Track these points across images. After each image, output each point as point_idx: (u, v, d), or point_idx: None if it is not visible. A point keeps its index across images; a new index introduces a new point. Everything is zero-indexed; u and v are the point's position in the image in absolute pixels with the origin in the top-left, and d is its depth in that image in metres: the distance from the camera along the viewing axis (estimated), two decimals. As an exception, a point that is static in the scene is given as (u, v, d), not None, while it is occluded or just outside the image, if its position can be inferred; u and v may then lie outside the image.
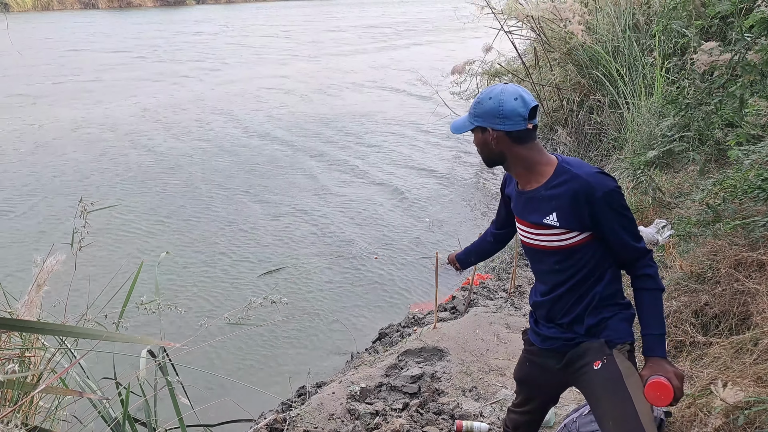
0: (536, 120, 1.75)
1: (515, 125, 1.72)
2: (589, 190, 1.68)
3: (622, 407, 1.71)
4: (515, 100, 1.71)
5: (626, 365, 1.77)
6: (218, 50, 19.11)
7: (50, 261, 1.91)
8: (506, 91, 1.73)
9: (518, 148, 1.76)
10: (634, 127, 5.67)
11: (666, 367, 1.68)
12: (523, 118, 1.71)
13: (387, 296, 5.18)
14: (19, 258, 5.72)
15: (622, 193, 1.72)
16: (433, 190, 7.50)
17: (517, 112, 1.70)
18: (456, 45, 18.28)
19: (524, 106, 1.71)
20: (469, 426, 2.92)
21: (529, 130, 1.73)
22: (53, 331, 1.74)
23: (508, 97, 1.72)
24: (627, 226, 1.73)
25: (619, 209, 1.70)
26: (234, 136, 9.92)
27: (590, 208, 1.69)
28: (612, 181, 1.71)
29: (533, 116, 1.73)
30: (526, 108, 1.71)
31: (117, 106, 11.96)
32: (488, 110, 1.74)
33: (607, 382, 1.76)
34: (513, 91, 1.72)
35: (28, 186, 7.68)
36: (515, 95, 1.71)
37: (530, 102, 1.72)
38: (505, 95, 1.72)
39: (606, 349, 1.79)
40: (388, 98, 12.51)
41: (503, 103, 1.71)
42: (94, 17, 29.49)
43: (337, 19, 28.20)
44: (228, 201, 7.17)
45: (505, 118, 1.72)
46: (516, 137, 1.74)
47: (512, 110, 1.71)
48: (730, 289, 2.94)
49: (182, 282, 5.34)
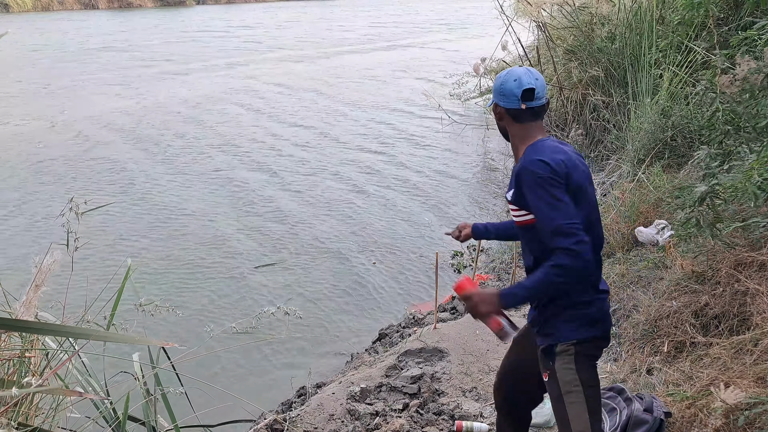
0: (534, 102, 1.85)
1: (511, 104, 1.87)
2: (519, 169, 1.82)
3: (561, 427, 1.83)
4: (514, 81, 1.86)
5: (567, 380, 1.80)
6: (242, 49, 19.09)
7: (48, 261, 1.91)
8: (511, 72, 1.89)
9: (515, 126, 1.90)
10: (636, 125, 5.66)
11: (477, 288, 1.83)
12: (517, 97, 1.85)
13: (387, 296, 5.18)
14: (6, 257, 5.75)
15: (532, 170, 1.75)
16: (432, 189, 7.50)
17: (512, 92, 1.85)
18: (460, 45, 18.28)
19: (519, 87, 1.84)
20: (469, 426, 2.92)
21: (523, 110, 1.86)
22: (53, 331, 1.75)
23: (510, 77, 1.87)
24: (537, 205, 1.74)
25: (531, 185, 1.75)
26: (244, 134, 9.93)
27: (519, 187, 1.81)
28: (533, 162, 1.76)
29: (528, 98, 1.84)
30: (520, 89, 1.84)
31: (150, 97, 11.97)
32: (496, 88, 1.92)
33: (552, 399, 1.84)
34: (516, 73, 1.87)
35: (20, 185, 7.68)
36: (516, 77, 1.86)
37: (525, 84, 1.84)
38: (509, 75, 1.88)
39: (548, 361, 1.83)
40: (387, 96, 12.51)
41: (504, 82, 1.88)
42: (100, 17, 29.48)
43: (341, 20, 28.19)
44: (229, 200, 7.17)
45: (504, 96, 1.88)
46: (514, 115, 1.89)
47: (509, 90, 1.86)
48: (731, 290, 2.94)
49: (183, 281, 5.34)
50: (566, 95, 7.49)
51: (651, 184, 4.70)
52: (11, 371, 1.98)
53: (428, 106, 11.03)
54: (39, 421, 2.00)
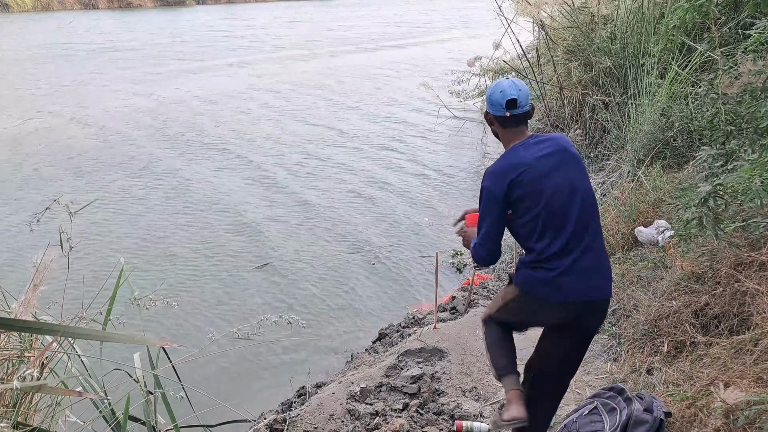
0: (517, 110, 2.15)
1: (497, 111, 2.19)
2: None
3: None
4: (500, 92, 2.16)
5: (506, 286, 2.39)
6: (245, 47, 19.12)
7: (45, 260, 1.91)
8: (498, 84, 2.20)
9: (503, 131, 2.24)
10: (636, 125, 5.65)
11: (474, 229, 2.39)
12: (502, 106, 2.16)
13: (387, 296, 5.17)
14: (7, 255, 5.75)
15: (483, 181, 2.21)
16: (432, 190, 7.50)
17: (498, 102, 2.17)
18: (461, 44, 18.28)
19: (503, 97, 2.15)
20: (468, 426, 2.92)
21: (507, 117, 2.17)
22: (53, 331, 1.74)
23: (497, 89, 2.18)
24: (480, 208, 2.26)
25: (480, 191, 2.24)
26: (245, 133, 9.93)
27: None
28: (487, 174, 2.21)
29: (512, 107, 2.14)
30: (504, 99, 2.15)
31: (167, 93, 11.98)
32: (487, 98, 2.23)
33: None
34: (502, 85, 2.18)
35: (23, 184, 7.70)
36: (501, 89, 2.17)
37: (509, 95, 2.14)
38: (496, 88, 2.19)
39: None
40: (388, 95, 12.51)
41: (492, 93, 2.19)
42: (101, 17, 29.49)
43: (342, 20, 28.19)
44: (230, 200, 7.17)
45: (492, 105, 2.20)
46: (501, 121, 2.21)
47: (496, 100, 2.17)
48: (730, 290, 2.93)
49: (183, 282, 5.34)
50: (566, 95, 7.49)
51: (651, 185, 4.69)
52: (10, 371, 1.98)
53: (428, 107, 11.03)
54: (38, 420, 2.00)
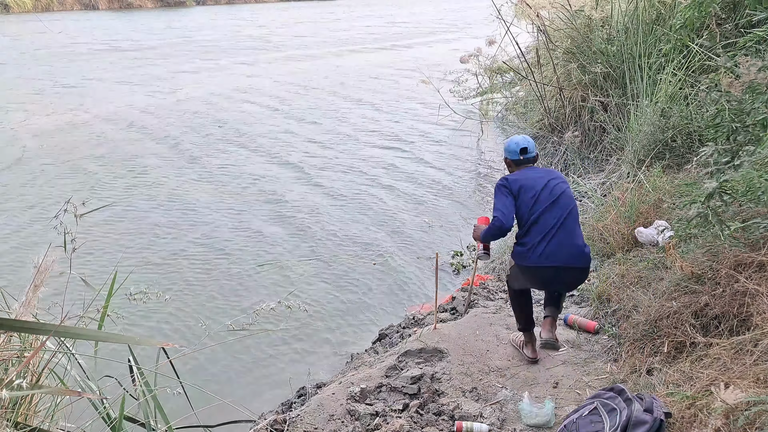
0: (527, 155, 3.37)
1: (512, 156, 3.41)
2: None
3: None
4: (515, 144, 3.39)
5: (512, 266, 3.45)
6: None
7: (46, 261, 1.91)
8: (513, 139, 3.43)
9: (515, 168, 3.42)
10: (636, 126, 5.65)
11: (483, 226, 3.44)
12: (516, 152, 3.38)
13: (387, 297, 5.18)
14: (8, 256, 5.75)
15: (498, 180, 3.34)
16: (432, 190, 7.50)
17: (514, 150, 3.39)
18: (462, 44, 18.30)
19: (517, 147, 3.37)
20: (469, 427, 2.92)
21: (520, 159, 3.38)
22: (46, 331, 1.74)
23: (512, 141, 3.42)
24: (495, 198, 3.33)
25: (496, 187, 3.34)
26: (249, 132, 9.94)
27: None
28: (501, 179, 3.34)
29: (524, 152, 3.36)
30: (518, 148, 3.37)
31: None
32: (505, 148, 3.47)
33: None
34: (516, 139, 3.41)
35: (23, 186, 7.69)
36: (516, 141, 3.40)
37: (522, 145, 3.36)
38: (511, 141, 3.43)
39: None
40: (389, 96, 12.51)
41: (509, 145, 3.42)
42: (102, 17, 29.49)
43: (342, 20, 28.20)
44: (230, 200, 7.17)
45: (509, 152, 3.42)
46: (516, 163, 3.42)
47: (512, 149, 3.40)
48: (731, 290, 2.93)
49: (182, 281, 5.34)
50: (566, 96, 7.49)
51: (651, 185, 4.69)
52: (10, 372, 1.98)
53: (429, 107, 11.03)
54: (38, 421, 2.00)
